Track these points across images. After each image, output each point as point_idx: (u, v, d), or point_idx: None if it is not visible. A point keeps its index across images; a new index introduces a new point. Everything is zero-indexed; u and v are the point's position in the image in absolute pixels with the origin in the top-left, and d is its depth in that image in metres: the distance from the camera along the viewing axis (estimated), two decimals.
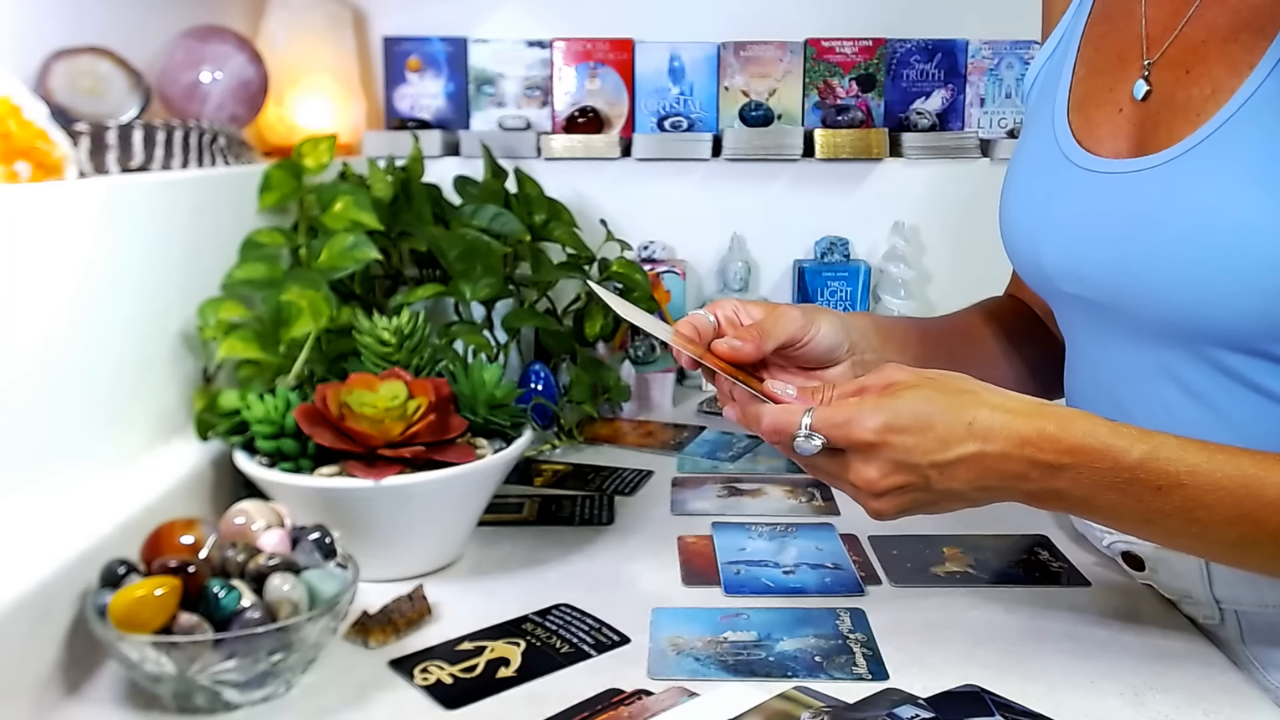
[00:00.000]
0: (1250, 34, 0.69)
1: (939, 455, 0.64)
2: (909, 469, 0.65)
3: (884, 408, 0.65)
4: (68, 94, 0.94)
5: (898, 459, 0.65)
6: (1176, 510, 0.64)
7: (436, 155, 1.41)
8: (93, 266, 0.81)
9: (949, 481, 0.65)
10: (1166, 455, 0.64)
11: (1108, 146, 0.77)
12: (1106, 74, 0.80)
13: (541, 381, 1.22)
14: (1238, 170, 0.67)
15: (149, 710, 0.68)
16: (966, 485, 0.66)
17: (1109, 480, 0.64)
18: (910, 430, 0.64)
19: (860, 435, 0.65)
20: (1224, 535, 0.65)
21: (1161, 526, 0.66)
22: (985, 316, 0.98)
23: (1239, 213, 0.66)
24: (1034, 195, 0.83)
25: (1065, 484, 0.65)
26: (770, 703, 0.67)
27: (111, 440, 0.85)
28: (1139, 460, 0.63)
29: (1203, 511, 0.64)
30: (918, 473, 0.65)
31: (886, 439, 0.64)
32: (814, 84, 1.46)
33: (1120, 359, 0.78)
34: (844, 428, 0.65)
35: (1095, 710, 0.67)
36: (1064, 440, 0.64)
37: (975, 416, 0.65)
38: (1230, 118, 0.68)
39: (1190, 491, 0.63)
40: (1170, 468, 0.63)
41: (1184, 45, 0.74)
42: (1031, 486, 0.66)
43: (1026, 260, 0.84)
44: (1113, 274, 0.74)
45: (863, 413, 0.65)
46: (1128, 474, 0.64)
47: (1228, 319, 0.68)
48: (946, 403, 0.65)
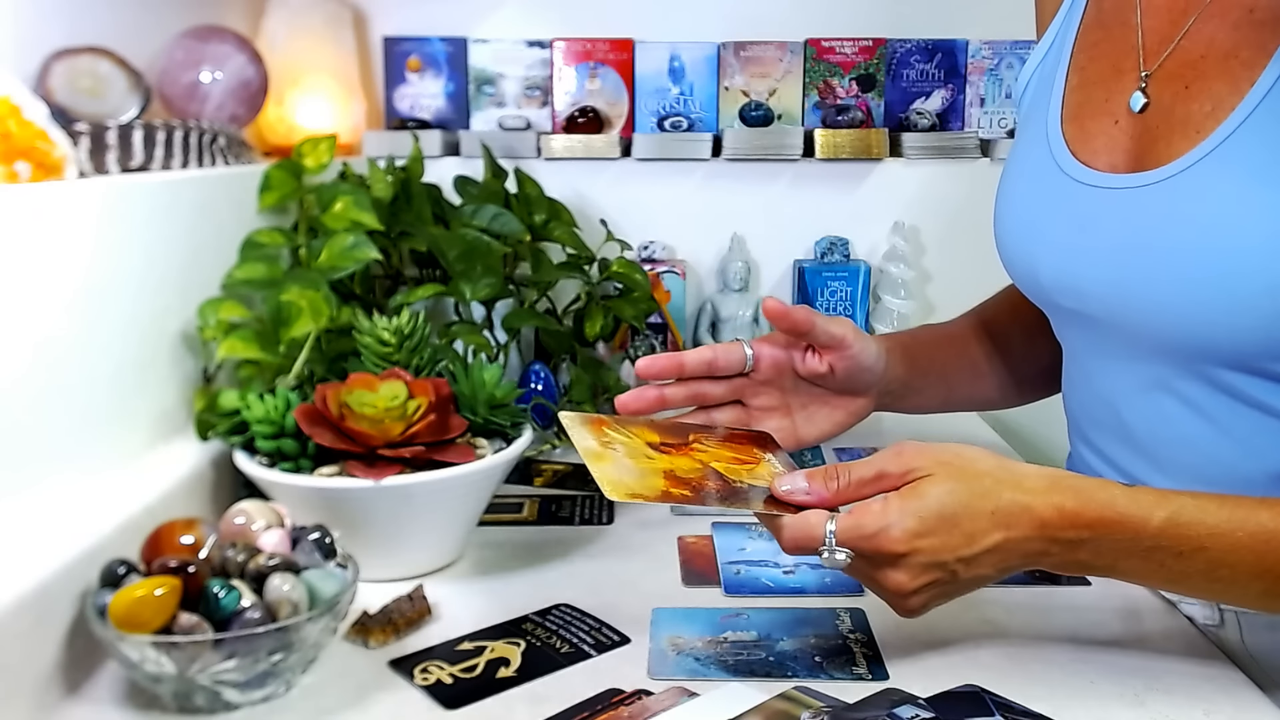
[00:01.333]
0: (1251, 50, 0.68)
1: (966, 551, 0.65)
2: (938, 567, 0.65)
3: (909, 512, 0.64)
4: (68, 94, 0.94)
5: (927, 562, 0.65)
6: (1199, 572, 0.65)
7: (436, 155, 1.41)
8: (93, 266, 0.81)
9: (975, 570, 0.66)
10: (1186, 520, 0.64)
11: (1103, 159, 0.76)
12: (1101, 84, 0.79)
13: (541, 381, 1.22)
14: (1239, 188, 0.66)
15: (149, 710, 0.68)
16: (992, 569, 0.66)
17: (1130, 549, 0.65)
18: (936, 532, 0.64)
19: (889, 547, 0.64)
20: (1248, 590, 0.66)
21: (1186, 585, 0.68)
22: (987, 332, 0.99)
23: (1238, 232, 0.65)
24: (1029, 208, 0.82)
25: (1086, 555, 0.66)
26: (770, 703, 0.67)
27: (111, 440, 0.85)
28: (1159, 529, 0.64)
29: (1226, 570, 0.64)
30: (946, 569, 0.65)
31: (915, 545, 0.64)
32: (814, 84, 1.46)
33: (1118, 373, 0.77)
34: (872, 540, 0.64)
35: (1095, 710, 0.67)
36: (1083, 515, 0.64)
37: (997, 504, 0.64)
38: (1231, 135, 0.67)
39: (1212, 554, 0.64)
40: (1190, 532, 0.64)
41: (1182, 59, 0.73)
42: (1054, 560, 0.67)
43: (1023, 273, 0.83)
44: (1111, 291, 0.73)
45: (890, 522, 0.64)
46: (1149, 542, 0.64)
47: (1228, 338, 0.68)
48: (968, 494, 0.65)
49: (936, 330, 1.02)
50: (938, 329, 1.02)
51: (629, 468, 0.70)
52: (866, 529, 0.64)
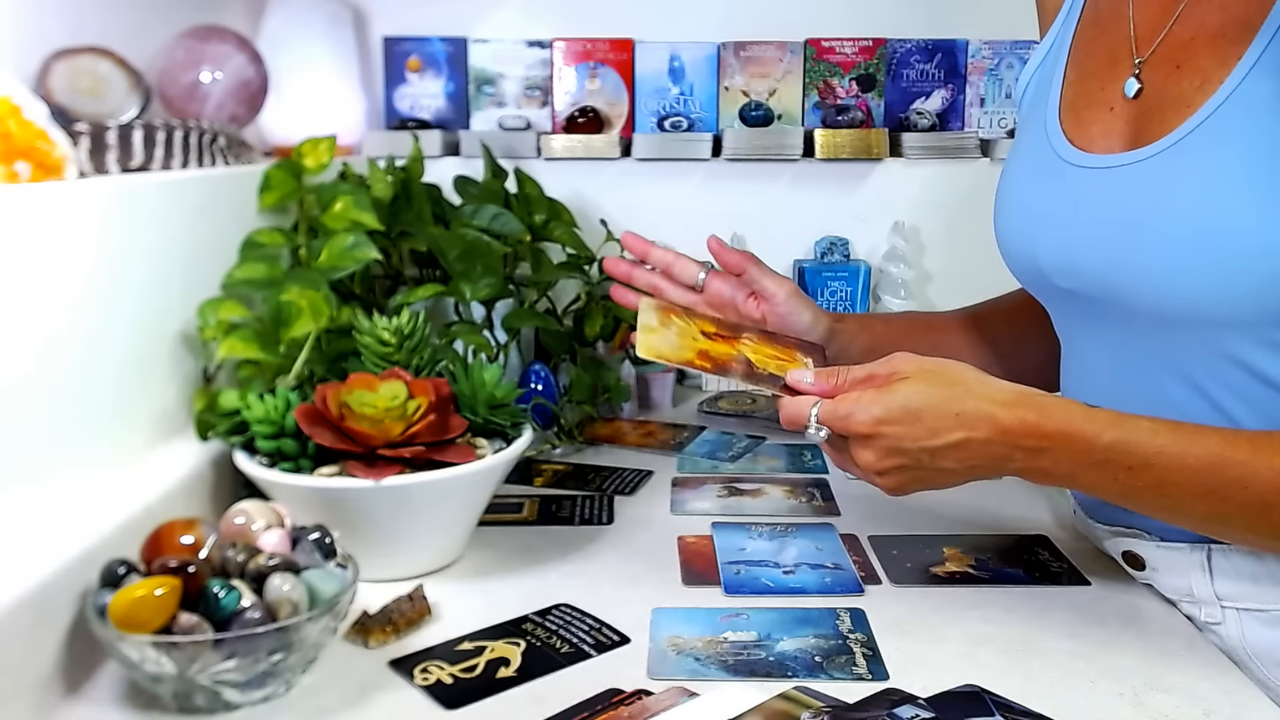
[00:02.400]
0: (1238, 27, 0.71)
1: (928, 442, 0.72)
2: (901, 453, 0.73)
3: (878, 401, 0.73)
4: (68, 94, 0.94)
5: (890, 446, 0.73)
6: (1149, 487, 0.70)
7: (436, 155, 1.41)
8: (93, 267, 0.81)
9: (941, 462, 0.73)
10: (1137, 439, 0.69)
11: (1100, 144, 0.78)
12: (1097, 76, 0.81)
13: (541, 381, 1.22)
14: (1228, 158, 0.68)
15: (149, 710, 0.68)
16: (958, 464, 0.73)
17: (1085, 461, 0.70)
18: (900, 421, 0.72)
19: (857, 428, 0.73)
20: (1194, 510, 0.70)
21: (1138, 501, 0.72)
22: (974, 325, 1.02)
23: (1231, 200, 0.67)
24: (1028, 194, 0.84)
25: (1047, 464, 0.71)
26: (770, 703, 0.67)
27: (111, 440, 0.85)
28: (1110, 444, 0.69)
29: (1173, 489, 0.69)
30: (910, 456, 0.73)
31: (879, 430, 0.73)
32: (814, 84, 1.46)
33: (1117, 353, 0.78)
34: (844, 420, 0.74)
35: (1095, 710, 0.68)
36: (1042, 426, 0.70)
37: (963, 408, 0.72)
38: (1219, 107, 0.69)
39: (1159, 471, 0.69)
40: (1139, 449, 0.69)
41: (1173, 43, 0.75)
42: (1017, 465, 0.73)
43: (1022, 259, 0.84)
44: (1108, 266, 0.75)
45: (859, 407, 0.73)
46: (1100, 455, 0.70)
47: (1224, 304, 0.69)
48: (937, 395, 0.72)
49: (918, 315, 1.11)
50: (919, 314, 1.11)
51: (671, 340, 0.85)
52: (840, 411, 0.74)
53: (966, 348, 1.00)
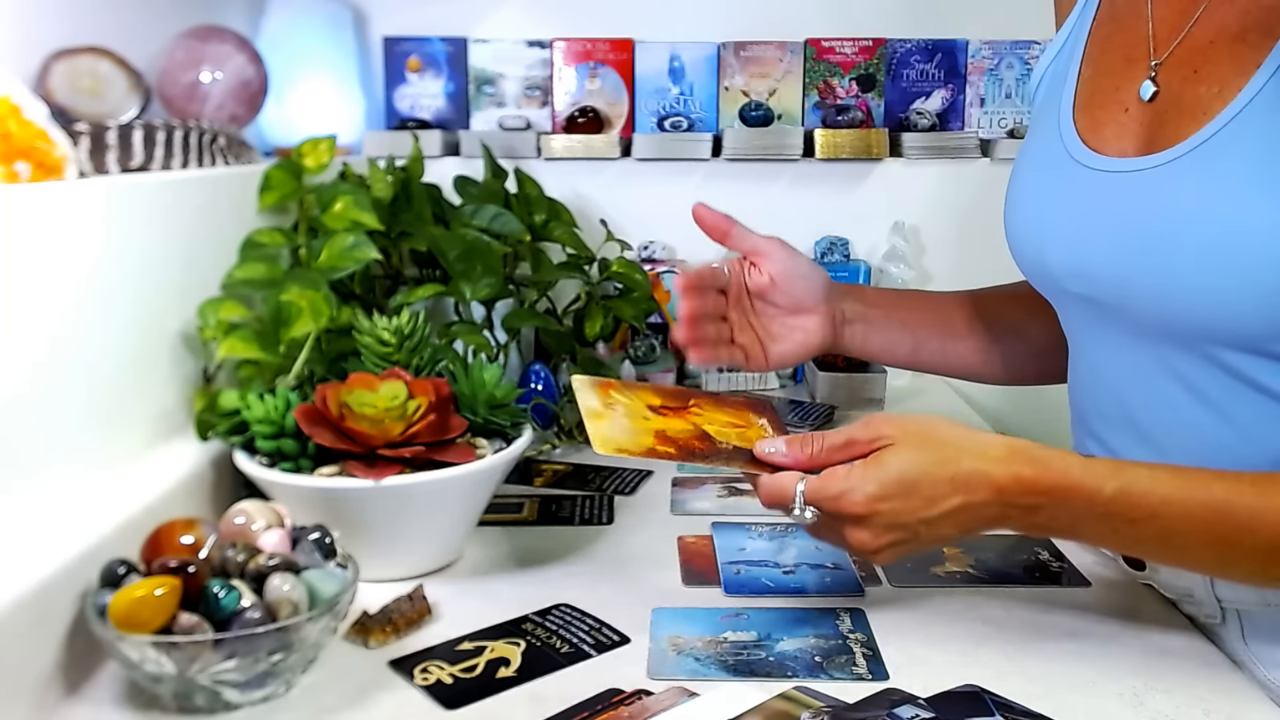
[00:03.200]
0: (1259, 34, 0.69)
1: (925, 513, 0.69)
2: (899, 528, 0.69)
3: (870, 477, 0.69)
4: (68, 94, 0.94)
5: (888, 523, 0.69)
6: (1154, 538, 0.68)
7: (436, 155, 1.41)
8: (93, 267, 0.81)
9: (937, 530, 0.70)
10: (1139, 490, 0.67)
11: (1113, 146, 0.77)
12: (1112, 74, 0.80)
13: (541, 381, 1.22)
14: (1242, 168, 0.67)
15: (149, 710, 0.68)
16: (953, 529, 0.70)
17: (1087, 515, 0.68)
18: (896, 496, 0.68)
19: (851, 509, 0.69)
20: (1202, 557, 0.69)
21: (1143, 550, 0.72)
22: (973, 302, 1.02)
23: (1245, 210, 0.66)
24: (1039, 194, 0.83)
25: (1044, 520, 0.69)
26: (770, 703, 0.67)
27: (111, 440, 0.85)
28: (1111, 497, 0.67)
29: (1179, 538, 0.67)
30: (908, 529, 0.69)
31: (876, 508, 0.69)
32: (814, 84, 1.46)
33: (1124, 359, 0.78)
34: (835, 501, 0.69)
35: (1095, 710, 0.67)
36: (1039, 483, 0.68)
37: (957, 470, 0.68)
38: (1235, 116, 0.68)
39: (1164, 522, 0.67)
40: (1142, 501, 0.67)
41: (1191, 46, 0.74)
42: (1014, 524, 0.70)
43: (1031, 259, 0.84)
44: (1116, 272, 0.74)
45: (850, 485, 0.69)
46: (1103, 509, 0.67)
47: (1230, 318, 0.68)
48: (929, 460, 0.69)
49: (912, 290, 1.10)
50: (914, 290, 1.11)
51: (623, 426, 0.78)
52: (830, 491, 0.69)
53: (963, 321, 1.01)
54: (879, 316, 0.99)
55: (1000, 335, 1.00)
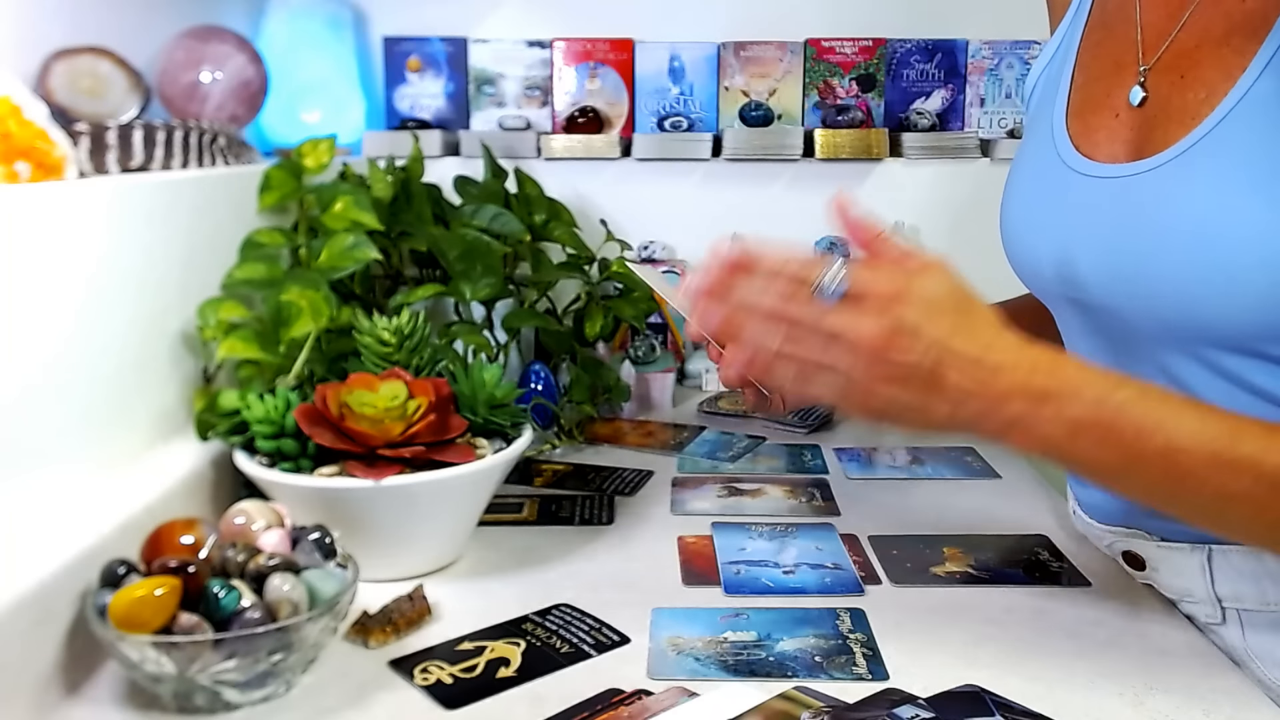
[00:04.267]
0: (1242, 37, 0.69)
1: (947, 339, 0.63)
2: (916, 336, 0.63)
3: (914, 271, 0.65)
4: (68, 94, 0.94)
5: (913, 322, 0.63)
6: (1157, 453, 0.63)
7: (436, 155, 1.41)
8: (93, 266, 0.81)
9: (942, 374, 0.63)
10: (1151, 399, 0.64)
11: (1105, 152, 0.77)
12: (1103, 80, 0.80)
13: (541, 381, 1.22)
14: (1231, 172, 0.67)
15: (149, 710, 0.68)
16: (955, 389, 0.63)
17: (1093, 416, 0.63)
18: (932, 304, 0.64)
19: (888, 284, 0.64)
20: (1202, 487, 0.63)
21: (1140, 475, 0.65)
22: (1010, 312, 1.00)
23: (1232, 214, 0.66)
24: (1032, 200, 0.83)
25: (1050, 414, 0.63)
26: (770, 703, 0.67)
27: (111, 440, 0.85)
28: (1124, 400, 0.63)
29: (1183, 456, 0.63)
30: (921, 344, 0.63)
31: (911, 294, 0.64)
32: (814, 84, 1.46)
33: (1118, 361, 0.78)
34: (874, 276, 0.65)
35: (1095, 710, 0.68)
36: (1056, 370, 0.64)
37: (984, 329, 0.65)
38: (1222, 120, 0.68)
39: (1170, 435, 0.63)
40: (1153, 410, 0.63)
41: (1178, 51, 0.75)
42: (1015, 411, 0.64)
43: (1025, 265, 0.84)
44: (1108, 277, 0.74)
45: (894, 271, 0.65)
46: (1112, 411, 0.63)
47: (1223, 321, 0.68)
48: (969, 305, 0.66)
49: None
50: None
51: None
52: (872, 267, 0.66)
53: None
54: None
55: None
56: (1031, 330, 0.95)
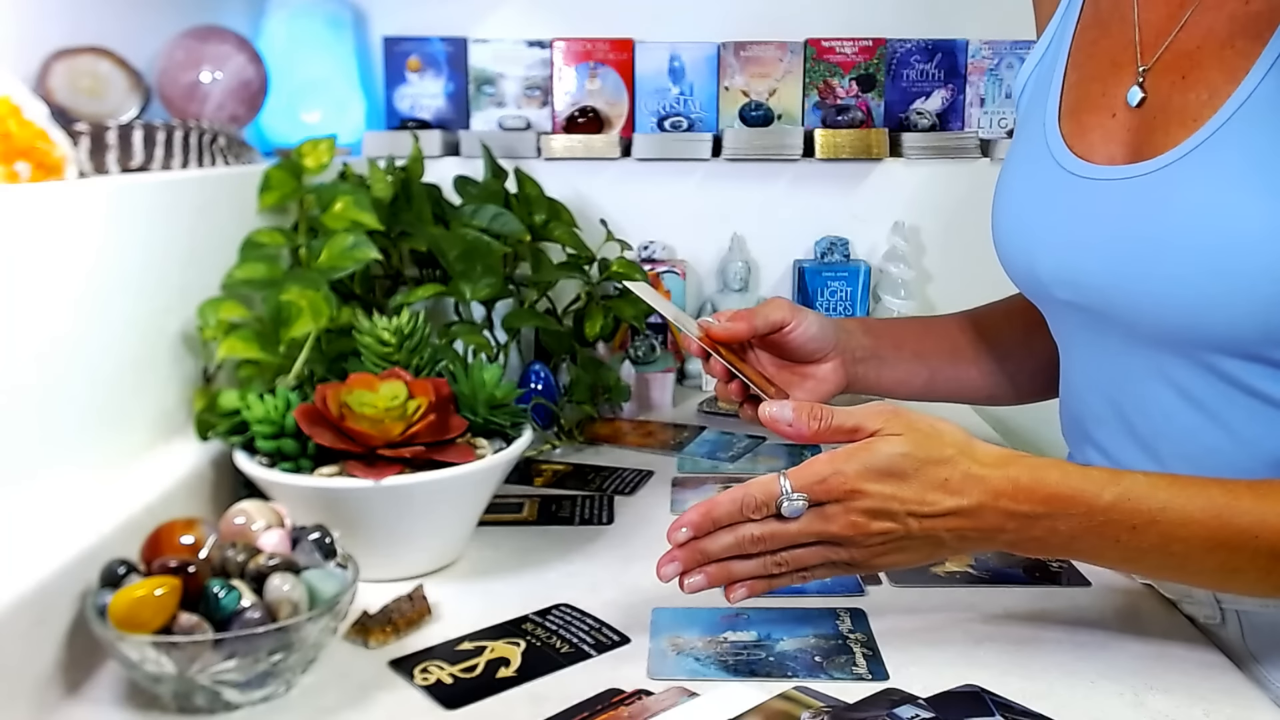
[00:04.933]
0: (1247, 39, 0.69)
1: (916, 508, 0.67)
2: (888, 515, 0.67)
3: (858, 460, 0.67)
4: (68, 94, 0.94)
5: (875, 506, 0.67)
6: (1154, 547, 0.66)
7: (436, 155, 1.41)
8: (93, 266, 0.81)
9: (930, 530, 0.67)
10: (1138, 495, 0.66)
11: (1101, 153, 0.76)
12: (1099, 79, 0.79)
13: (541, 381, 1.22)
14: (1234, 175, 0.66)
15: (149, 710, 0.68)
16: (951, 536, 0.68)
17: (1085, 525, 0.66)
18: (885, 482, 0.67)
19: (838, 485, 0.67)
20: (1204, 565, 0.67)
21: (1142, 563, 0.69)
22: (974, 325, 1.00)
23: (1235, 218, 0.66)
24: (1027, 203, 0.82)
25: (1042, 532, 0.67)
26: (770, 703, 0.67)
27: (111, 440, 0.85)
28: (1111, 503, 0.66)
29: (1179, 545, 0.66)
30: (895, 519, 0.67)
31: (863, 486, 0.67)
32: (814, 84, 1.46)
33: (1116, 366, 0.77)
34: (823, 483, 0.67)
35: (1095, 710, 0.67)
36: (1038, 491, 0.66)
37: (952, 473, 0.67)
38: (1226, 122, 0.67)
39: (1164, 527, 0.65)
40: (1142, 506, 0.65)
41: (1179, 51, 0.74)
42: (1010, 537, 0.68)
43: (1021, 268, 0.84)
44: (1108, 281, 0.74)
45: (838, 468, 0.67)
46: (1102, 517, 0.66)
47: (1224, 325, 0.68)
48: (925, 458, 0.67)
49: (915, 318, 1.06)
50: (917, 317, 1.07)
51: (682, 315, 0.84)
52: (818, 472, 0.67)
53: (968, 344, 0.99)
54: (889, 350, 0.96)
55: (1004, 355, 0.98)
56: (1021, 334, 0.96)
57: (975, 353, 0.99)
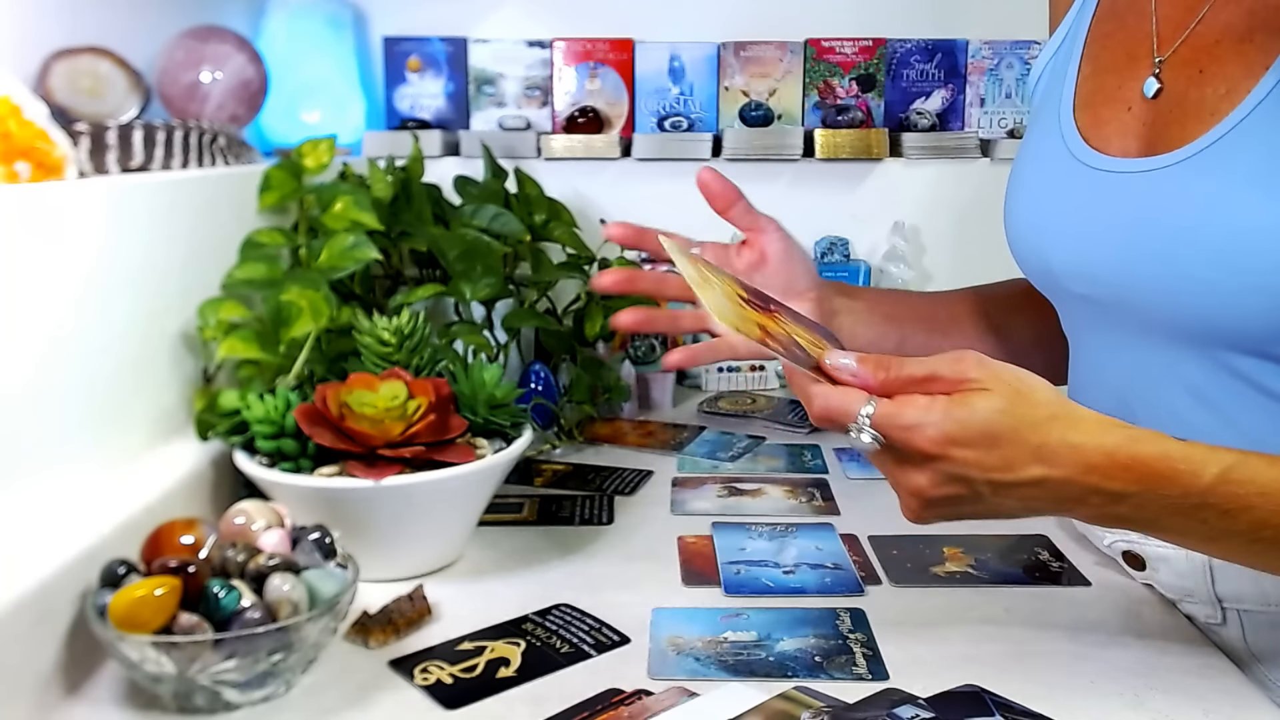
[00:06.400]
0: (1266, 34, 0.69)
1: (999, 475, 0.61)
2: (964, 482, 0.62)
3: (953, 416, 0.60)
4: (68, 94, 0.94)
5: (956, 472, 0.61)
6: (1242, 532, 0.62)
7: (436, 155, 1.41)
8: (93, 267, 0.81)
9: (1003, 498, 0.62)
10: (1237, 478, 0.61)
11: (1116, 145, 0.76)
12: (1114, 72, 0.79)
13: (541, 381, 1.22)
14: (1250, 171, 0.66)
15: (149, 710, 0.68)
16: (1020, 503, 0.63)
17: (1177, 506, 0.62)
18: (975, 445, 0.60)
19: (922, 444, 0.61)
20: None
21: (1225, 545, 0.65)
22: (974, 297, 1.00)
23: (1250, 214, 0.65)
24: (1041, 195, 0.82)
25: (1128, 510, 0.62)
26: (770, 703, 0.67)
27: (111, 440, 0.85)
28: (1209, 485, 0.61)
29: (1269, 531, 0.62)
30: (972, 486, 0.62)
31: (949, 452, 0.61)
32: (814, 84, 1.46)
33: (1127, 361, 0.77)
34: (906, 432, 0.61)
35: (1095, 710, 0.67)
36: (1134, 468, 0.61)
37: (1046, 439, 0.61)
38: (1245, 118, 0.67)
39: (1258, 514, 0.61)
40: (1240, 490, 0.61)
41: (1197, 44, 0.74)
42: (1091, 511, 0.63)
43: (1033, 260, 0.83)
44: (1121, 274, 0.74)
45: (929, 418, 0.60)
46: (1198, 498, 0.61)
47: (1236, 321, 0.68)
48: (1019, 420, 0.61)
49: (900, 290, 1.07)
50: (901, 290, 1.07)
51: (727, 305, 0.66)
52: (905, 419, 0.61)
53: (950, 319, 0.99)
54: (863, 310, 0.95)
55: (986, 332, 0.98)
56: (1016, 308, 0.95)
57: (956, 326, 0.98)
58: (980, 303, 1.00)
